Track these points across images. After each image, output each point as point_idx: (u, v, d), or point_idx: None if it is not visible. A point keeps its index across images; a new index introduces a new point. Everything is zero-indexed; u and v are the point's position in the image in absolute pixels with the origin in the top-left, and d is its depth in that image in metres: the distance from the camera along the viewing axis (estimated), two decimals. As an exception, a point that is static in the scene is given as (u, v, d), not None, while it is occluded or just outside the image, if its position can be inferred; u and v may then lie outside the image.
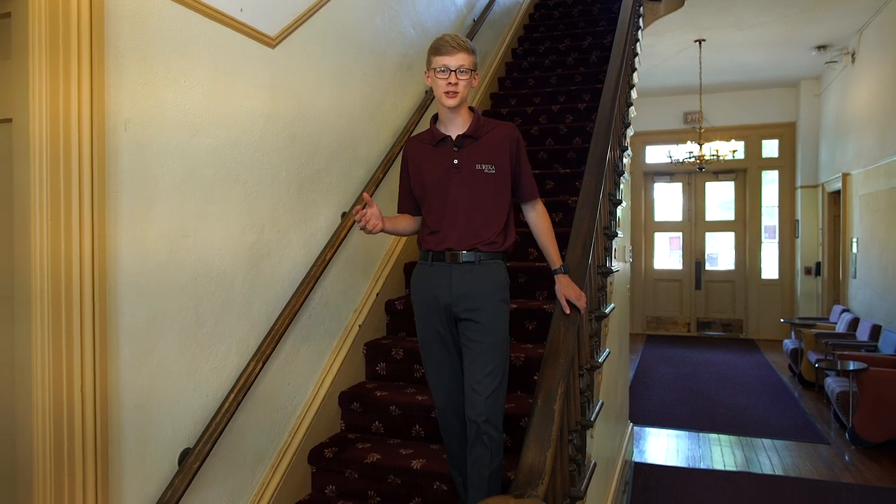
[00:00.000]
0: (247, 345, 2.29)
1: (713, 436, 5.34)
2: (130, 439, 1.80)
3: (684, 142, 8.40)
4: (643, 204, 10.49)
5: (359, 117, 3.10)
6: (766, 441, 5.19)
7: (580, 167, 3.97)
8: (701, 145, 7.80)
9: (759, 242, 10.00)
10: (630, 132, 4.32)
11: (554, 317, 2.22)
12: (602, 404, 2.77)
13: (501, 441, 2.10)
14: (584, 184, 2.82)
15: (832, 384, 5.59)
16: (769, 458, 4.81)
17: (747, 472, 4.51)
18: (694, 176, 10.11)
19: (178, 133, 1.97)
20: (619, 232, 3.53)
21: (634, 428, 5.11)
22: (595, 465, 2.56)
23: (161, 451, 1.91)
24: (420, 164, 2.17)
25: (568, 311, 2.12)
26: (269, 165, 2.42)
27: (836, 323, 7.25)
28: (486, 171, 2.10)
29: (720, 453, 4.92)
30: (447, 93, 2.03)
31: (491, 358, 2.05)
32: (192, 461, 1.93)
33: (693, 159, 7.95)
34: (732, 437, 5.29)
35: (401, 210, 2.29)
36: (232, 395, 2.12)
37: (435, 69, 2.04)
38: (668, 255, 10.69)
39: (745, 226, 10.05)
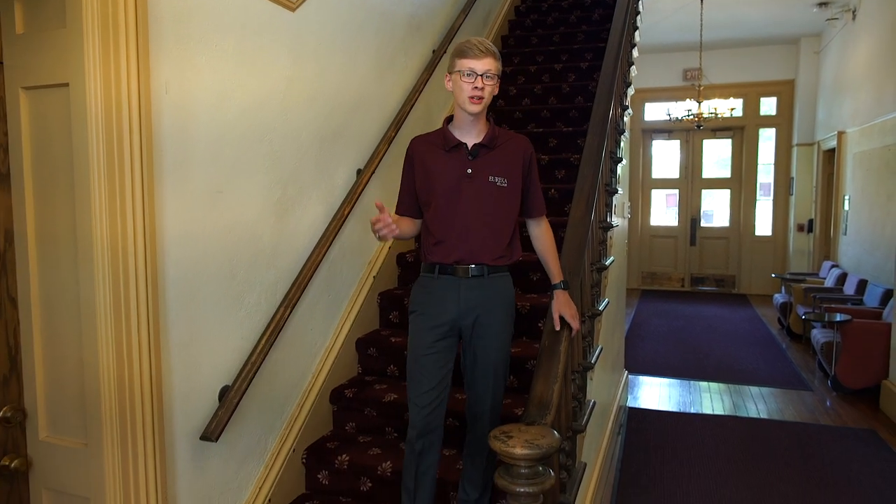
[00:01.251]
0: (274, 293, 2.47)
1: (703, 384, 5.62)
2: (178, 375, 2.00)
3: (683, 99, 8.47)
4: (641, 161, 10.60)
5: (371, 78, 3.21)
6: (754, 389, 5.48)
7: (582, 126, 4.10)
8: (700, 103, 7.88)
9: (754, 200, 10.17)
10: (631, 91, 4.42)
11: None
12: (601, 349, 2.98)
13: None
14: (587, 142, 2.97)
15: (818, 335, 5.86)
16: (755, 404, 5.09)
17: (734, 415, 4.79)
18: (692, 133, 10.20)
19: (211, 95, 2.10)
20: (619, 188, 3.69)
21: (629, 376, 5.38)
22: (594, 403, 2.78)
23: (203, 388, 2.11)
24: (429, 168, 2.09)
25: (558, 328, 2.05)
26: (291, 125, 2.55)
27: (825, 278, 7.49)
28: (498, 183, 2.05)
29: (709, 400, 5.20)
30: (472, 97, 1.96)
31: (500, 375, 2.12)
32: (231, 396, 2.14)
33: (691, 117, 8.04)
34: (721, 385, 5.57)
35: (401, 211, 2.19)
36: (264, 339, 2.31)
37: (461, 72, 1.97)
38: (664, 211, 10.86)
39: (741, 183, 10.20)
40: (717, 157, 10.57)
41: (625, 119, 4.06)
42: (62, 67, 1.69)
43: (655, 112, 10.35)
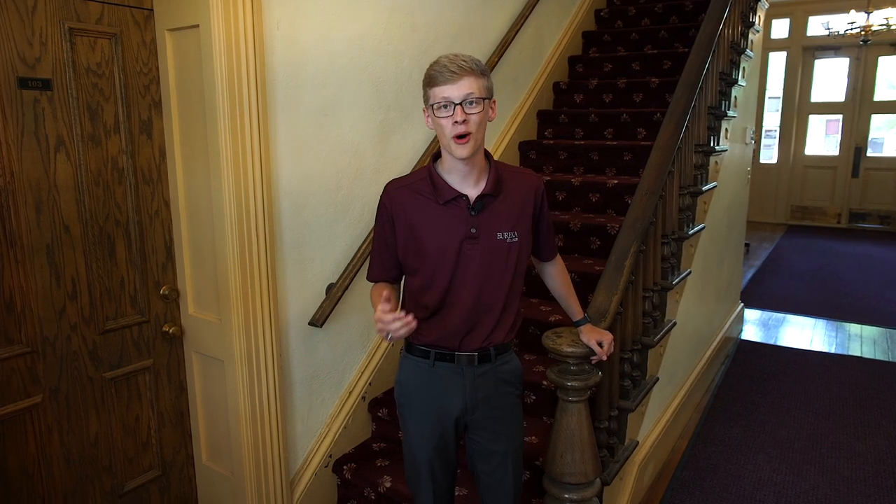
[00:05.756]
0: (375, 206, 2.78)
1: (833, 323, 5.29)
2: (291, 270, 2.40)
3: (858, 8, 7.44)
4: (798, 82, 9.58)
5: (475, 4, 3.33)
6: (894, 332, 5.07)
7: (701, 46, 3.91)
8: (869, 13, 6.92)
9: (937, 126, 8.87)
10: (764, 5, 4.11)
11: (637, 189, 2.47)
12: (689, 273, 3.01)
13: None
14: (688, 63, 2.91)
15: (982, 279, 5.22)
16: (891, 348, 4.73)
17: (857, 356, 4.52)
18: (864, 50, 8.99)
19: (317, 28, 2.38)
20: (733, 112, 3.54)
21: (745, 308, 5.22)
22: (674, 323, 2.86)
23: (312, 283, 2.51)
24: (417, 227, 1.65)
25: (604, 356, 1.88)
26: (392, 54, 2.78)
27: None
28: (508, 240, 1.65)
29: (836, 339, 4.92)
30: (456, 137, 1.52)
31: (517, 465, 1.82)
32: (334, 292, 2.52)
33: (857, 30, 7.10)
34: (855, 326, 5.22)
35: (374, 277, 1.78)
36: (365, 244, 2.66)
37: (434, 105, 1.54)
38: (822, 139, 9.84)
39: (922, 106, 8.92)
40: (894, 76, 9.27)
41: (749, 37, 3.81)
42: (194, 11, 2.04)
43: (821, 26, 9.21)
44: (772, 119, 9.98)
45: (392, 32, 2.77)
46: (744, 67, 3.77)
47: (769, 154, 10.07)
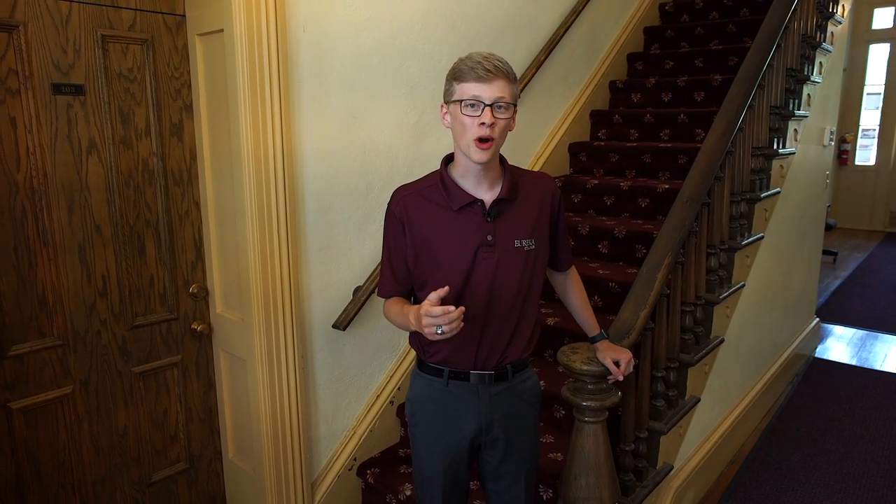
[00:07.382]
0: (409, 210, 2.75)
1: (928, 343, 4.79)
2: (315, 273, 2.40)
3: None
4: (903, 77, 8.76)
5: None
6: None
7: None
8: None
9: None
10: (849, -7, 3.76)
11: (678, 196, 2.31)
12: (743, 286, 2.79)
13: None
14: (746, 58, 2.70)
15: None
16: None
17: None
18: (982, 40, 8.10)
19: (346, 30, 2.37)
20: (804, 112, 3.26)
21: (821, 324, 4.81)
22: (721, 340, 2.65)
23: (338, 286, 2.50)
24: (430, 235, 1.56)
25: (621, 377, 1.74)
26: (429, 54, 2.73)
27: None
28: (525, 248, 1.56)
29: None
30: (479, 140, 1.43)
31: (529, 486, 1.76)
32: (360, 295, 2.50)
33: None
34: (953, 348, 4.70)
35: (388, 292, 1.67)
36: (394, 249, 2.62)
37: (460, 102, 1.44)
38: (929, 139, 8.95)
39: None
40: None
41: (828, 30, 3.49)
42: (219, 15, 2.07)
43: (931, 15, 8.39)
44: (870, 117, 9.19)
45: (428, 32, 2.72)
46: (820, 62, 3.46)
47: (866, 155, 9.28)
